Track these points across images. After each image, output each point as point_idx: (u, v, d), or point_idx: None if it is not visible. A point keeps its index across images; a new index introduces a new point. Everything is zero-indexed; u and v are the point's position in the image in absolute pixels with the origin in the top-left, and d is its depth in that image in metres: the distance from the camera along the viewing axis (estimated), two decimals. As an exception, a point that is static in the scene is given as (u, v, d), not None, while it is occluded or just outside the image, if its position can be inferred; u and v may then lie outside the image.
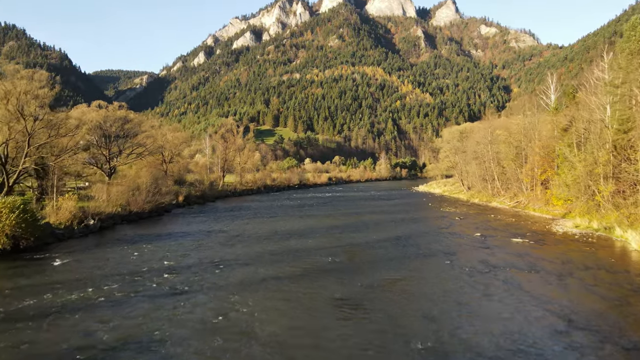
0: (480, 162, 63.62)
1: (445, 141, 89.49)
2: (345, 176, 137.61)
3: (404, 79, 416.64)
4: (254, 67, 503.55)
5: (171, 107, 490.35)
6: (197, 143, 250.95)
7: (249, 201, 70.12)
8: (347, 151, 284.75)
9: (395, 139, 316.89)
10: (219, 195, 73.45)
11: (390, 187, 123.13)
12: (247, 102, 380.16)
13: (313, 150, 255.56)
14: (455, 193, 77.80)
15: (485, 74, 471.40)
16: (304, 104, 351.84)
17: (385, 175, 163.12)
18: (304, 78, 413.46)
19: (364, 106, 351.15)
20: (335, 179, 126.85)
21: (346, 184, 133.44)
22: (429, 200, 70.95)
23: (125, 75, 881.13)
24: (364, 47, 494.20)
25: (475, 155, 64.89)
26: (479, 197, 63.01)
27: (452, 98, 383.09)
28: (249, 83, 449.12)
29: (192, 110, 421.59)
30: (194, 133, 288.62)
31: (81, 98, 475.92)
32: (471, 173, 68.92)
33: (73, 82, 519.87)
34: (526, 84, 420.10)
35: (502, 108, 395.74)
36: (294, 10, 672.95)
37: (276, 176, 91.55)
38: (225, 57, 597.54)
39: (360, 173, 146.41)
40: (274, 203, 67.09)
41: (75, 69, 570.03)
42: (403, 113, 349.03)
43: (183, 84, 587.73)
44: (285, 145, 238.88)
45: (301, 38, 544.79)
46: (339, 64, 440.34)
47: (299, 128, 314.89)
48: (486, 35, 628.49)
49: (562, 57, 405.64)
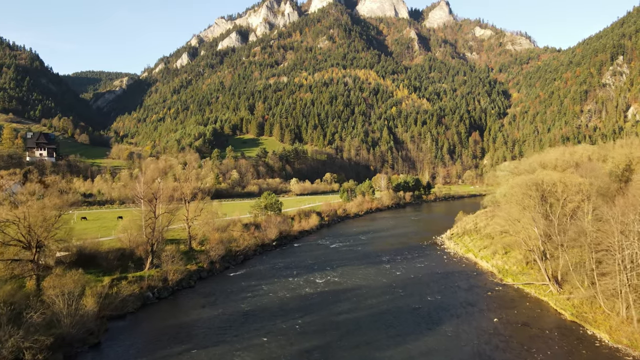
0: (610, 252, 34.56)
1: (514, 190, 57.96)
2: (340, 211, 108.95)
3: (398, 82, 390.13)
4: (239, 70, 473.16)
5: (149, 112, 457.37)
6: (167, 158, 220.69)
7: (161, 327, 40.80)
8: (339, 164, 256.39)
9: (391, 149, 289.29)
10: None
11: (398, 228, 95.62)
12: (230, 108, 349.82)
13: (301, 165, 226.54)
14: (526, 281, 47.79)
15: (483, 78, 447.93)
16: (291, 110, 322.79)
17: (387, 203, 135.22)
18: (292, 81, 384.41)
19: (357, 113, 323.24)
20: (328, 218, 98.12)
21: (342, 221, 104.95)
22: (493, 303, 42.95)
23: (107, 76, 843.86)
24: (356, 48, 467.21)
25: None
26: (591, 313, 35.05)
27: (450, 104, 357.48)
28: (233, 86, 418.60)
29: (170, 116, 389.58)
30: (167, 144, 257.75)
31: (51, 102, 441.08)
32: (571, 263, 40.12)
33: (44, 85, 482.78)
34: (527, 89, 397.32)
35: (504, 115, 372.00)
36: (282, 10, 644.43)
37: (241, 239, 62.21)
38: (210, 59, 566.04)
39: (358, 204, 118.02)
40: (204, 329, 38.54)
41: (47, 70, 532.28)
42: (399, 120, 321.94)
43: (164, 86, 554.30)
44: (269, 160, 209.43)
45: (289, 39, 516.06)
46: (329, 67, 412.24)
47: (285, 137, 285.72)
48: (481, 37, 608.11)
49: (565, 60, 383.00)
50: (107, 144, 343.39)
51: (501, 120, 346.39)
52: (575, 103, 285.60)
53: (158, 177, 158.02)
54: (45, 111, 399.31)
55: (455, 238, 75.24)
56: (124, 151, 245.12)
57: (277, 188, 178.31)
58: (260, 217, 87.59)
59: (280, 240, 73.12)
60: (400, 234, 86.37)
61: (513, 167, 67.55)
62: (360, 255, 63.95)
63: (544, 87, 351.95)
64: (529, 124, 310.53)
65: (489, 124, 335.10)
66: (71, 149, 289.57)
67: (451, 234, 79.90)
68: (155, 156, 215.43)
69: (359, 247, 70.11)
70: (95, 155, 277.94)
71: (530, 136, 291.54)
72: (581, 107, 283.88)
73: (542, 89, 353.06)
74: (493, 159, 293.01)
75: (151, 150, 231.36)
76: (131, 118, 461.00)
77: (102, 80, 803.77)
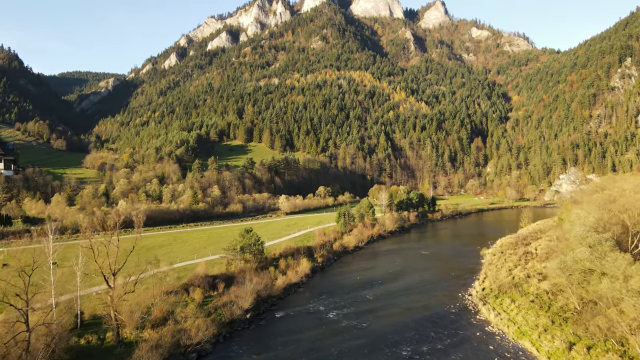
0: None
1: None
2: (337, 245, 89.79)
3: (395, 85, 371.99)
4: (228, 71, 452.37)
5: (134, 114, 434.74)
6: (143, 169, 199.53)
7: None
8: (334, 174, 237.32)
9: (389, 157, 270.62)
10: None
11: (409, 273, 77.52)
12: (218, 111, 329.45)
13: (292, 176, 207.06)
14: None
15: (482, 80, 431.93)
16: (282, 114, 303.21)
17: (390, 228, 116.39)
18: (284, 83, 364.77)
19: (352, 117, 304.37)
20: (322, 259, 78.79)
21: (339, 259, 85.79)
22: None
23: (95, 77, 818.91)
24: (350, 49, 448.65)
25: None
26: None
27: (450, 107, 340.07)
28: (221, 88, 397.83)
29: (155, 120, 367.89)
30: (147, 151, 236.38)
31: (29, 104, 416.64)
32: None
33: (22, 86, 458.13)
34: (528, 91, 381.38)
35: (506, 119, 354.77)
36: (274, 9, 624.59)
37: (196, 324, 42.27)
38: (199, 59, 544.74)
39: (357, 234, 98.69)
40: None
41: (27, 70, 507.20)
42: (397, 125, 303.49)
43: (151, 88, 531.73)
44: (257, 172, 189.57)
45: (281, 39, 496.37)
46: (322, 68, 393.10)
47: (276, 144, 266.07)
48: (478, 38, 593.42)
49: (567, 62, 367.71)
50: (86, 150, 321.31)
51: (503, 125, 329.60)
52: (584, 107, 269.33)
53: (128, 193, 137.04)
54: (22, 114, 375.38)
55: (491, 301, 56.38)
56: (98, 160, 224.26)
57: (264, 205, 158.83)
58: (235, 264, 68.18)
59: (257, 308, 53.73)
60: (415, 285, 67.43)
61: (594, 223, 48.27)
62: (369, 341, 44.87)
63: (547, 90, 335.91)
64: (533, 130, 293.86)
65: (491, 129, 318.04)
66: (44, 157, 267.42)
67: (483, 292, 61.02)
68: (131, 167, 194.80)
69: (364, 322, 50.90)
70: (70, 163, 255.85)
71: (536, 142, 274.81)
72: (590, 112, 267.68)
73: (545, 92, 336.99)
74: (497, 167, 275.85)
75: (128, 160, 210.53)
76: (114, 121, 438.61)
77: (89, 80, 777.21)
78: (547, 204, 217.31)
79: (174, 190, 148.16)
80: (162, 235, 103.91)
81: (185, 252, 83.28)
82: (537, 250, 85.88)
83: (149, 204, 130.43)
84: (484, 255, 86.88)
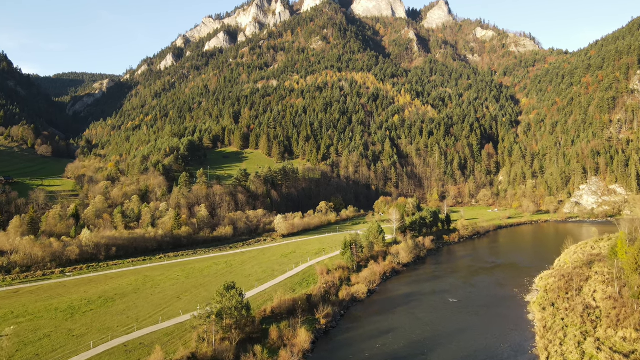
0: None
1: None
2: (344, 293, 71.85)
3: (399, 87, 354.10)
4: (225, 72, 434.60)
5: (126, 118, 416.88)
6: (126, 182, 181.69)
7: None
8: (336, 184, 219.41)
9: (395, 165, 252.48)
10: None
11: (439, 339, 60.93)
12: (213, 115, 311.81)
13: (290, 188, 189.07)
14: None
15: (489, 82, 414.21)
16: (280, 119, 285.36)
17: (406, 260, 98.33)
18: (282, 85, 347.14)
19: (355, 122, 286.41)
20: (325, 320, 60.62)
21: (346, 314, 67.69)
22: None
23: (90, 78, 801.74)
24: (351, 50, 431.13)
25: None
26: None
27: (457, 111, 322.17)
28: (217, 91, 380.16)
29: (147, 124, 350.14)
30: (134, 160, 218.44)
31: (16, 107, 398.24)
32: None
33: (10, 88, 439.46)
34: (538, 94, 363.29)
35: (516, 123, 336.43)
36: (273, 9, 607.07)
37: None
38: (196, 60, 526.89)
39: (367, 276, 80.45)
40: None
41: (17, 71, 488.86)
42: (402, 130, 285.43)
43: (146, 90, 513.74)
44: (251, 184, 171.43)
45: (280, 39, 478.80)
46: (322, 69, 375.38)
47: (273, 151, 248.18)
48: (482, 38, 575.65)
49: (579, 64, 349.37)
50: (73, 156, 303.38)
51: (515, 130, 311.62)
52: (603, 111, 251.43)
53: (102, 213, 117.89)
54: (9, 118, 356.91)
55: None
56: (80, 169, 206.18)
57: (258, 225, 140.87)
58: (209, 338, 50.25)
59: None
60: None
61: None
62: None
63: (560, 93, 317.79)
64: (548, 135, 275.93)
65: (502, 134, 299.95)
66: (24, 165, 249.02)
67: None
68: (113, 179, 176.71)
69: None
70: (53, 171, 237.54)
71: (552, 149, 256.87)
72: (610, 117, 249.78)
73: (557, 95, 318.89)
74: (510, 175, 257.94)
75: (112, 170, 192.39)
76: (105, 125, 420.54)
77: (84, 82, 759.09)
78: (568, 217, 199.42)
79: (155, 209, 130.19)
80: (131, 274, 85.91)
81: (150, 306, 65.40)
82: (598, 303, 68.12)
83: (123, 228, 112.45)
84: (530, 307, 69.00)
